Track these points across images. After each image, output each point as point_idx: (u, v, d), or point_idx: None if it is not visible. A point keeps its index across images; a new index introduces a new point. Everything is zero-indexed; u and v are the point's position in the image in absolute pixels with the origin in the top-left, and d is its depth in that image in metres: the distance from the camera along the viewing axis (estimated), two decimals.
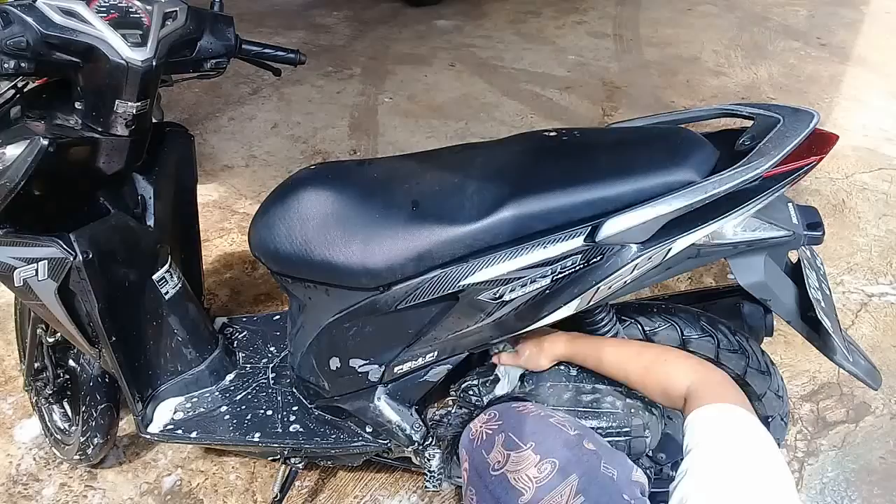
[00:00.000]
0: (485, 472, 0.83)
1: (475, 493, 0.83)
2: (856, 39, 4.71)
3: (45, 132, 1.21)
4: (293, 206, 1.27)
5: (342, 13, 4.92)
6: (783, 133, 1.14)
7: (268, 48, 1.48)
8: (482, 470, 0.83)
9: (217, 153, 3.23)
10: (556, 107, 3.73)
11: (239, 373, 1.65)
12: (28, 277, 1.34)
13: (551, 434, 0.84)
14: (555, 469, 0.79)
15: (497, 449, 0.84)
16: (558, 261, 1.13)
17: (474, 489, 0.83)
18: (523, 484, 0.79)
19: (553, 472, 0.78)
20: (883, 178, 3.14)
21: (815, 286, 1.25)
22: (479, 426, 0.88)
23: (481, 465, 0.84)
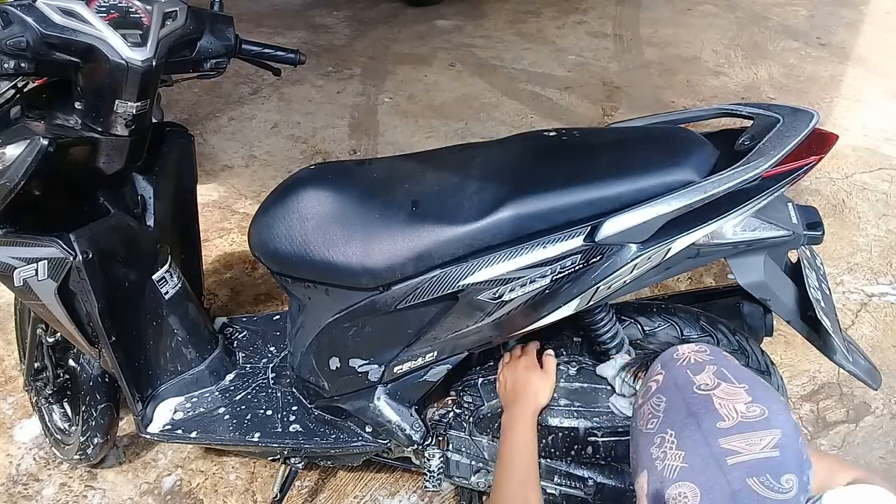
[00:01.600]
0: (686, 388, 0.81)
1: (665, 401, 0.81)
2: (856, 39, 4.70)
3: (45, 132, 1.22)
4: (293, 206, 1.27)
5: (342, 13, 4.92)
6: (783, 133, 1.14)
7: (268, 48, 1.48)
8: (683, 385, 0.82)
9: (217, 153, 3.23)
10: (556, 107, 3.73)
11: (239, 373, 1.65)
12: (28, 277, 1.34)
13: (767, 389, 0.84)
14: (763, 416, 0.77)
15: (707, 374, 0.82)
16: (558, 261, 1.13)
17: (665, 397, 0.82)
18: (727, 412, 0.77)
19: (760, 418, 0.77)
20: (883, 178, 3.14)
21: (815, 286, 1.25)
22: (687, 351, 0.87)
23: (684, 380, 0.82)
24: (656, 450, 0.79)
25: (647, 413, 0.83)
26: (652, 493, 0.79)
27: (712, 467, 0.75)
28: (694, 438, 0.77)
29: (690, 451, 0.76)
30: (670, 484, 0.77)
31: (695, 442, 0.77)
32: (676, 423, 0.79)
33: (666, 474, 0.77)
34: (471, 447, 1.44)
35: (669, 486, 0.77)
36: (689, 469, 0.76)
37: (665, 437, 0.79)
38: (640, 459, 0.83)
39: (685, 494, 0.75)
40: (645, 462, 0.81)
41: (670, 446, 0.78)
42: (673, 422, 0.79)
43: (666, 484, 0.77)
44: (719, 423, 0.77)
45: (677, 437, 0.78)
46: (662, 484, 0.78)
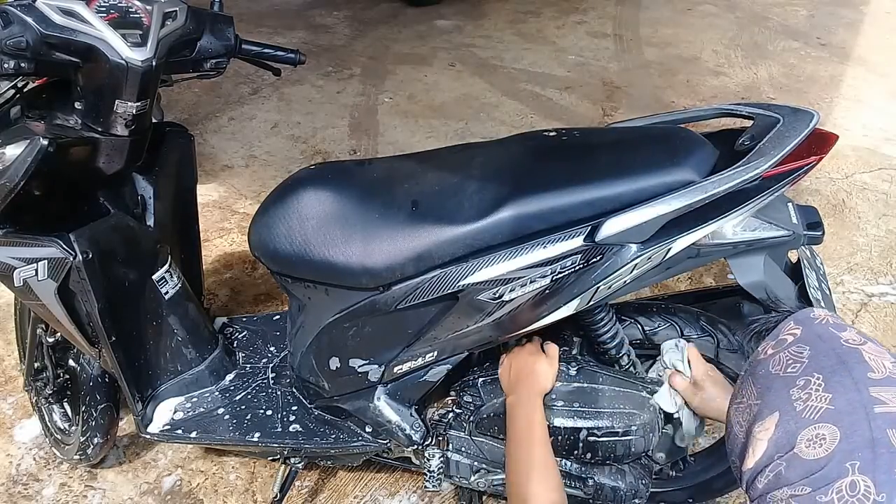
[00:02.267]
0: (833, 339, 0.81)
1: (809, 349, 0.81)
2: (856, 39, 4.70)
3: (45, 132, 1.21)
4: (293, 205, 1.27)
5: (342, 13, 4.92)
6: (783, 133, 1.14)
7: (267, 48, 1.48)
8: (829, 337, 0.81)
9: (217, 153, 3.23)
10: (556, 107, 3.73)
11: (239, 373, 1.65)
12: (28, 277, 1.34)
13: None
14: None
15: (851, 332, 0.82)
16: (558, 261, 1.13)
17: (809, 346, 0.81)
18: (877, 364, 0.77)
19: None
20: (883, 178, 3.14)
21: (815, 286, 1.25)
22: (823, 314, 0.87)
23: (828, 334, 0.82)
24: (798, 391, 0.78)
25: (786, 359, 0.82)
26: (778, 436, 0.78)
27: (859, 412, 0.74)
28: (844, 383, 0.76)
29: (839, 395, 0.76)
30: (808, 425, 0.76)
31: (844, 387, 0.76)
32: (825, 369, 0.78)
33: (806, 415, 0.76)
34: (471, 447, 1.44)
35: (806, 427, 0.76)
36: (834, 411, 0.75)
37: (811, 379, 0.78)
38: (770, 402, 0.81)
39: (823, 436, 0.75)
40: (779, 404, 0.80)
41: (816, 388, 0.77)
42: (822, 367, 0.79)
43: (802, 425, 0.76)
44: (870, 373, 0.77)
45: (825, 381, 0.77)
46: (797, 425, 0.77)
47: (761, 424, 0.81)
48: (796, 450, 0.76)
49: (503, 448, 1.42)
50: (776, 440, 0.78)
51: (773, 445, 0.78)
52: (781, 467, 0.77)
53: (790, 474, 0.76)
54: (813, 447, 0.75)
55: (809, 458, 0.75)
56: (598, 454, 1.30)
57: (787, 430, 0.77)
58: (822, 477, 0.73)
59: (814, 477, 0.74)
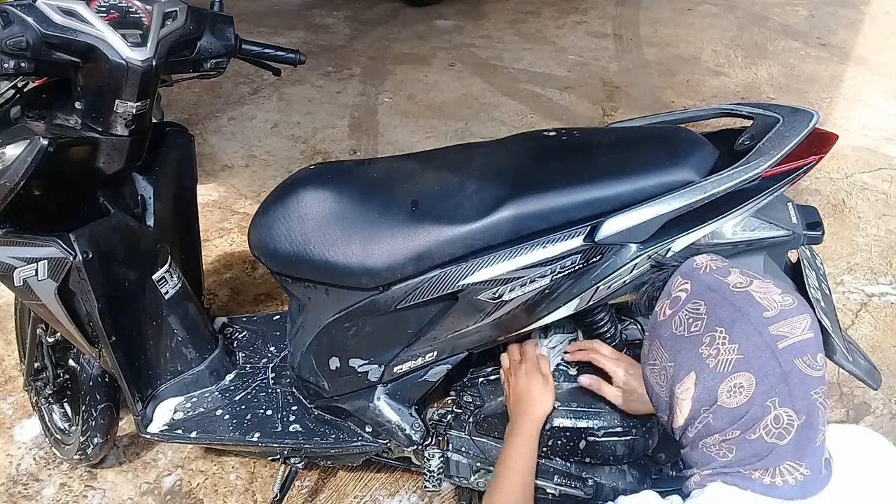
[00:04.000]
0: (722, 288, 0.84)
1: (704, 304, 0.84)
2: (856, 39, 4.71)
3: (45, 132, 1.22)
4: (293, 205, 1.27)
5: (342, 13, 4.92)
6: (782, 133, 1.14)
7: (268, 48, 1.48)
8: (717, 286, 0.85)
9: (217, 153, 3.23)
10: (556, 107, 3.73)
11: (239, 373, 1.65)
12: (28, 277, 1.34)
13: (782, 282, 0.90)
14: (795, 303, 0.82)
15: (735, 275, 0.86)
16: (558, 260, 1.14)
17: (703, 300, 0.84)
18: (768, 302, 0.81)
19: (794, 304, 0.82)
20: (883, 178, 3.14)
21: (815, 286, 1.25)
22: (705, 260, 0.89)
23: (716, 283, 0.85)
24: (706, 348, 0.82)
25: (686, 318, 0.85)
26: (699, 393, 0.83)
27: (766, 353, 0.79)
28: (745, 330, 0.80)
29: (744, 343, 0.80)
30: (724, 378, 0.81)
31: (747, 333, 0.80)
32: (725, 320, 0.82)
33: (720, 370, 0.81)
34: (471, 447, 1.44)
35: (723, 380, 0.81)
36: (743, 359, 0.80)
37: (715, 335, 0.82)
38: (683, 363, 0.85)
39: (741, 384, 0.80)
40: (692, 363, 0.84)
41: (722, 342, 0.81)
42: (721, 319, 0.82)
43: (719, 379, 0.81)
44: (765, 312, 0.81)
45: (728, 332, 0.81)
46: (714, 380, 0.81)
47: (681, 385, 0.85)
48: (719, 402, 0.81)
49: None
50: (698, 397, 0.83)
51: (697, 402, 0.83)
52: (709, 418, 0.82)
53: (718, 423, 0.82)
54: (734, 396, 0.80)
55: (732, 406, 0.80)
56: (598, 454, 1.30)
57: (707, 387, 0.82)
58: (749, 419, 0.80)
59: (741, 421, 0.80)
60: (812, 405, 0.79)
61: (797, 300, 0.83)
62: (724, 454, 0.82)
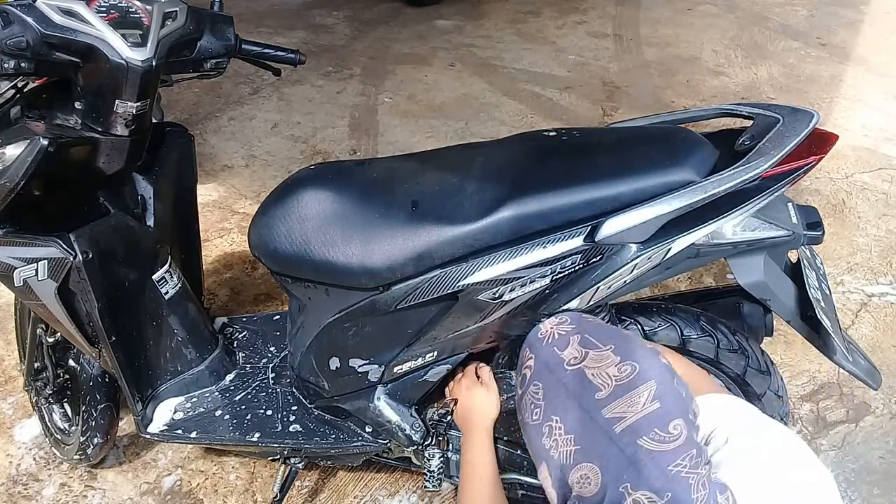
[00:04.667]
0: (558, 367, 0.82)
1: (542, 388, 0.82)
2: (856, 39, 4.70)
3: (45, 132, 1.21)
4: (293, 205, 1.27)
5: (342, 13, 4.92)
6: (783, 133, 1.14)
7: (268, 48, 1.48)
8: (554, 365, 0.82)
9: (217, 153, 3.23)
10: (556, 107, 3.73)
11: (239, 373, 1.65)
12: (28, 277, 1.34)
13: (630, 341, 0.84)
14: (635, 372, 0.78)
15: (573, 346, 0.83)
16: (558, 261, 1.14)
17: (541, 383, 0.82)
18: (601, 380, 0.78)
19: (633, 375, 0.78)
20: (883, 178, 3.14)
21: (815, 286, 1.25)
22: (550, 327, 0.86)
23: (553, 360, 0.83)
24: (547, 440, 0.80)
25: (529, 403, 0.84)
26: (556, 481, 0.80)
27: (603, 441, 0.76)
28: (578, 418, 0.77)
29: (579, 432, 0.77)
30: (570, 469, 0.77)
31: (581, 421, 0.77)
32: (559, 408, 0.80)
33: (563, 461, 0.78)
34: None
35: (570, 471, 0.77)
36: (582, 450, 0.77)
37: (552, 425, 0.80)
38: (535, 452, 0.83)
39: (587, 476, 0.76)
40: (540, 454, 0.82)
41: (559, 432, 0.79)
42: (555, 407, 0.80)
43: (566, 470, 0.78)
44: (597, 394, 0.78)
45: (563, 421, 0.79)
46: (563, 471, 0.78)
47: (541, 472, 0.83)
48: (575, 491, 0.77)
49: (502, 448, 1.42)
50: (557, 485, 0.80)
51: (558, 490, 0.80)
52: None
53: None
54: (586, 486, 0.76)
55: (588, 495, 0.76)
56: None
57: (558, 478, 0.79)
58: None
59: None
60: (674, 480, 0.72)
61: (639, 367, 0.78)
62: None
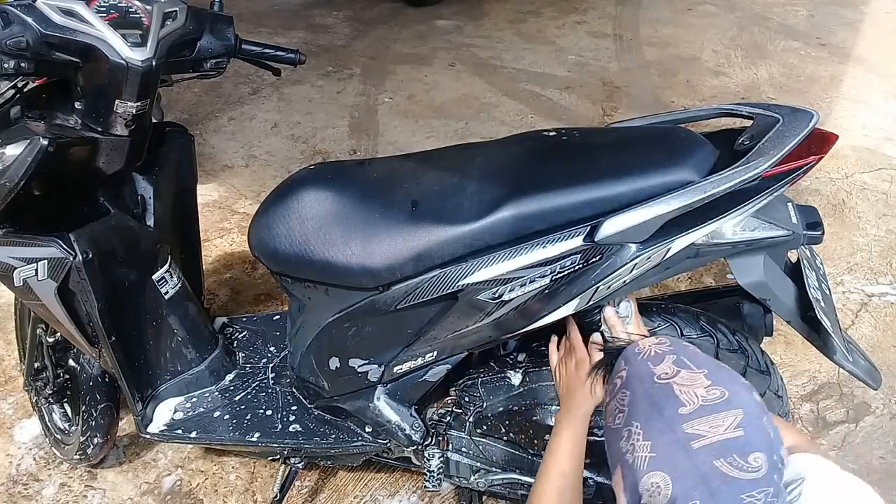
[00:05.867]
0: (648, 379, 0.82)
1: (628, 395, 0.83)
2: (856, 39, 4.70)
3: (45, 132, 1.22)
4: (293, 205, 1.27)
5: (342, 13, 4.92)
6: (782, 133, 1.14)
7: (267, 48, 1.48)
8: (645, 376, 0.83)
9: (217, 153, 3.23)
10: (556, 107, 3.73)
11: (239, 373, 1.65)
12: (28, 277, 1.34)
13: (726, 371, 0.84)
14: (723, 397, 0.78)
15: (667, 363, 0.83)
16: (557, 260, 1.14)
17: (629, 391, 0.83)
18: (687, 397, 0.78)
19: (721, 399, 0.78)
20: (883, 178, 3.14)
21: (815, 286, 1.25)
22: (648, 345, 0.87)
23: (645, 372, 0.84)
24: (625, 443, 0.80)
25: (614, 409, 0.85)
26: (628, 487, 0.80)
27: (679, 453, 0.75)
28: (658, 427, 0.78)
29: (656, 440, 0.77)
30: (643, 475, 0.77)
31: (659, 430, 0.77)
32: (641, 415, 0.80)
33: (637, 466, 0.78)
34: (471, 447, 1.44)
35: (642, 477, 0.77)
36: (657, 458, 0.77)
37: (632, 429, 0.80)
38: (612, 456, 0.84)
39: (657, 484, 0.76)
40: (617, 457, 0.82)
41: (637, 438, 0.79)
42: (637, 414, 0.80)
43: (639, 476, 0.78)
44: (681, 408, 0.77)
45: (643, 427, 0.79)
46: (635, 476, 0.78)
47: (615, 477, 0.83)
48: (645, 500, 0.77)
49: (503, 448, 1.42)
50: (628, 492, 0.80)
51: (629, 496, 0.80)
52: None
53: None
54: (654, 496, 0.76)
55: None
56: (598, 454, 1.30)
57: (630, 483, 0.79)
58: None
59: None
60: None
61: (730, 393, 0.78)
62: None
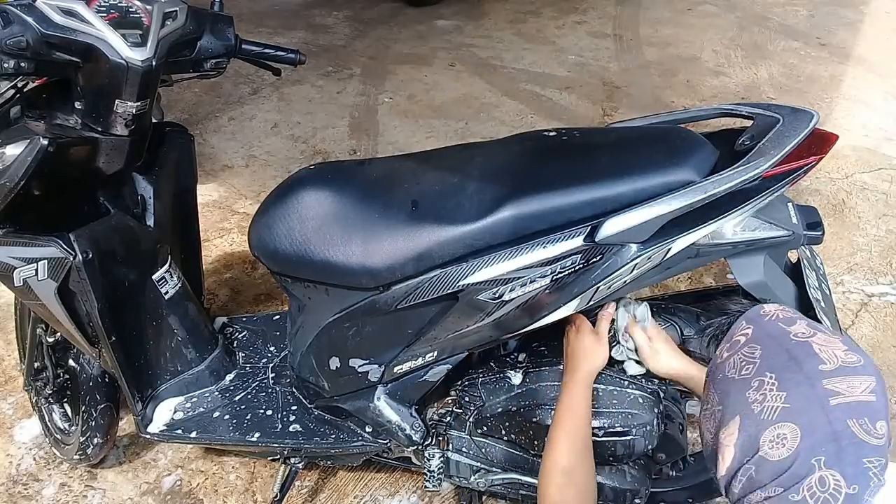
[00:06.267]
0: (783, 336, 0.81)
1: (760, 349, 0.81)
2: (856, 39, 4.70)
3: (45, 132, 1.22)
4: (293, 205, 1.27)
5: (342, 13, 4.92)
6: (783, 133, 1.14)
7: (268, 48, 1.48)
8: (779, 334, 0.82)
9: (217, 153, 3.23)
10: (556, 107, 3.73)
11: (239, 373, 1.65)
12: (28, 277, 1.34)
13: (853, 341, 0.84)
14: (860, 363, 0.77)
15: (800, 325, 0.82)
16: (558, 260, 1.14)
17: (760, 346, 0.81)
18: (827, 356, 0.77)
19: (858, 364, 0.77)
20: (883, 178, 3.14)
21: (815, 286, 1.25)
22: (773, 309, 0.86)
23: (778, 331, 0.82)
24: (754, 393, 0.78)
25: (739, 361, 0.82)
26: (742, 440, 0.78)
27: (815, 408, 0.74)
28: (796, 380, 0.76)
29: (793, 392, 0.76)
30: (768, 426, 0.76)
31: (797, 383, 0.76)
32: (777, 367, 0.78)
33: (764, 417, 0.76)
34: (471, 447, 1.44)
35: (767, 428, 0.76)
36: (790, 409, 0.75)
37: (764, 380, 0.78)
38: (730, 406, 0.81)
39: (784, 436, 0.75)
40: (738, 407, 0.80)
41: (770, 388, 0.77)
42: (773, 366, 0.78)
43: (762, 427, 0.76)
44: (821, 366, 0.76)
45: (778, 379, 0.77)
46: (758, 427, 0.77)
47: (726, 430, 0.80)
48: (761, 452, 0.76)
49: (503, 448, 1.42)
50: (741, 444, 0.78)
51: (740, 450, 0.78)
52: (751, 471, 0.77)
53: (761, 477, 0.76)
54: (776, 448, 0.74)
55: (775, 458, 0.74)
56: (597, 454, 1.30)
57: (750, 434, 0.77)
58: (791, 476, 0.73)
59: (783, 477, 0.74)
60: (863, 475, 0.72)
61: (864, 360, 0.78)
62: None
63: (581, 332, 1.30)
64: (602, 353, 1.29)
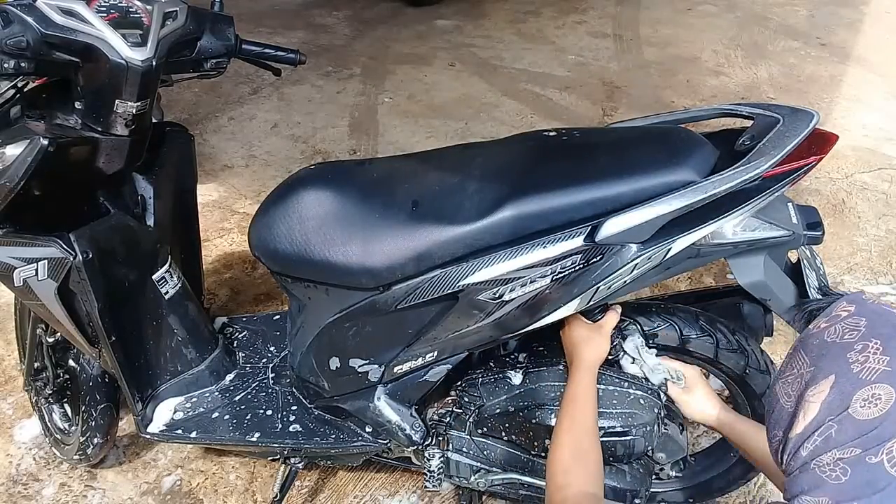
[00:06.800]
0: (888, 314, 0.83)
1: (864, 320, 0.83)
2: (856, 39, 4.70)
3: (45, 132, 1.21)
4: (293, 205, 1.27)
5: (342, 13, 4.92)
6: (783, 133, 1.14)
7: (268, 48, 1.48)
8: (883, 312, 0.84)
9: (217, 153, 3.23)
10: (556, 107, 3.73)
11: (239, 373, 1.65)
12: (28, 277, 1.34)
13: None
14: None
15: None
16: (558, 261, 1.14)
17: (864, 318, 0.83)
18: None
19: None
20: (883, 178, 3.14)
21: (815, 286, 1.25)
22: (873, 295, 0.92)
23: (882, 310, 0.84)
24: (856, 354, 0.79)
25: (843, 329, 0.83)
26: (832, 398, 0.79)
27: None
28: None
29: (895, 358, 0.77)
30: (865, 385, 0.77)
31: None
32: (883, 336, 0.79)
33: (863, 376, 0.77)
34: (471, 447, 1.44)
35: (862, 387, 0.77)
36: (891, 372, 0.76)
37: (869, 344, 0.79)
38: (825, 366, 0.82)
39: (879, 396, 0.75)
40: (835, 367, 0.81)
41: (874, 351, 0.78)
42: (880, 334, 0.80)
43: (858, 385, 0.77)
44: None
45: (884, 345, 0.78)
46: (853, 386, 0.78)
47: (815, 388, 0.81)
48: (850, 410, 0.76)
49: (503, 448, 1.42)
50: (829, 402, 0.79)
51: (826, 407, 0.79)
52: (832, 430, 0.77)
53: (841, 436, 0.76)
54: (868, 407, 0.75)
55: (863, 417, 0.75)
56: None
57: (843, 391, 0.78)
58: (875, 437, 0.74)
59: (866, 437, 0.74)
60: None
61: None
62: (837, 477, 0.76)
63: (575, 326, 1.31)
64: (601, 343, 1.30)
